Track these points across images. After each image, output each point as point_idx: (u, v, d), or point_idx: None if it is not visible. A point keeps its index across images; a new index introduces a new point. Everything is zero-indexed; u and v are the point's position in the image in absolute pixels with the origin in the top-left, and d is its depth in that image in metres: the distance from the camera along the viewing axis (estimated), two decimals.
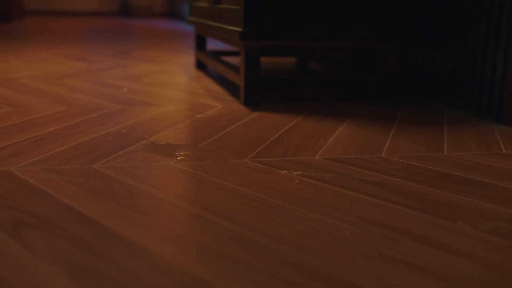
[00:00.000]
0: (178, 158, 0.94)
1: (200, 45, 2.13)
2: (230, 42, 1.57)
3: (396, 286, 0.54)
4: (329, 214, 0.72)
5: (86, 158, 0.92)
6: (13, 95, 1.46)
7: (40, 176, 0.83)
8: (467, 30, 1.38)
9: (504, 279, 0.56)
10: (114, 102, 1.40)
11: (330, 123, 1.24)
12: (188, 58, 2.46)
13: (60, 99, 1.42)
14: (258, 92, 1.41)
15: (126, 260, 0.57)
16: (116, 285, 0.52)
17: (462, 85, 1.41)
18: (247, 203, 0.74)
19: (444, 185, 0.85)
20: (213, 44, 3.27)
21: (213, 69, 2.10)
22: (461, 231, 0.67)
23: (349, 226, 0.68)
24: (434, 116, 1.35)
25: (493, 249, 0.62)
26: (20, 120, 1.19)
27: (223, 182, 0.83)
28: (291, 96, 1.58)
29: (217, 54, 2.08)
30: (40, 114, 1.25)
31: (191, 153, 0.97)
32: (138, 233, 0.64)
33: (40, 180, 0.81)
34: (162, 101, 1.43)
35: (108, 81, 1.74)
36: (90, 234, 0.63)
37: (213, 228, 0.66)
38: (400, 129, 1.20)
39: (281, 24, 1.36)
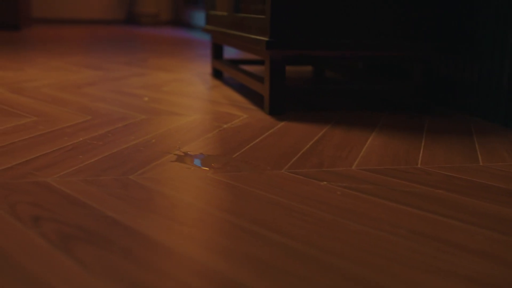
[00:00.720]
0: (215, 169, 0.93)
1: (217, 53, 2.12)
2: (253, 51, 1.56)
3: None
4: (378, 227, 0.70)
5: (121, 169, 0.91)
6: (35, 105, 1.45)
7: (79, 187, 0.82)
8: (494, 39, 1.37)
9: None
10: (138, 112, 1.39)
11: (359, 133, 1.23)
12: (203, 67, 2.46)
13: (83, 109, 1.41)
14: (283, 101, 1.40)
15: (180, 274, 0.56)
16: None
17: (488, 94, 1.40)
18: (294, 216, 0.73)
19: (488, 196, 0.84)
20: (227, 53, 3.26)
21: (230, 78, 2.09)
22: None
23: (402, 240, 0.66)
24: (461, 125, 1.34)
25: None
26: (48, 130, 1.18)
27: (265, 193, 0.82)
28: (314, 105, 1.57)
29: (235, 63, 2.07)
30: (67, 124, 1.23)
31: (226, 164, 0.96)
32: (188, 246, 0.62)
33: (80, 192, 0.80)
34: (185, 111, 1.42)
35: (128, 90, 1.73)
36: (141, 248, 0.62)
37: (263, 241, 0.65)
38: (430, 139, 1.19)
39: (308, 33, 1.35)
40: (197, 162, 0.96)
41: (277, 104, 1.39)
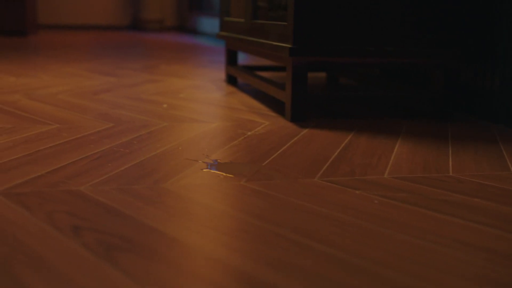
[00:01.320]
0: (247, 177, 0.92)
1: (231, 60, 2.12)
2: (272, 57, 1.55)
3: None
4: (423, 236, 0.69)
5: (153, 178, 0.90)
6: (55, 111, 1.44)
7: (113, 196, 0.81)
8: None
9: None
10: (160, 119, 1.39)
11: (384, 140, 1.22)
12: (215, 73, 2.45)
13: (104, 116, 1.41)
14: (304, 108, 1.39)
15: (229, 285, 0.55)
16: None
17: (509, 101, 1.39)
18: (334, 225, 0.72)
19: None
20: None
21: (244, 84, 2.08)
22: None
23: (449, 250, 0.65)
24: (485, 133, 1.33)
25: None
26: (72, 137, 1.17)
27: (301, 202, 0.81)
28: (333, 112, 1.56)
29: (250, 69, 2.06)
30: (90, 131, 1.23)
31: (257, 172, 0.95)
32: (235, 258, 0.62)
33: (116, 201, 0.79)
34: (206, 117, 1.41)
35: (145, 97, 1.73)
36: (185, 257, 0.61)
37: (309, 251, 0.64)
38: (457, 147, 1.18)
39: (330, 40, 1.35)
40: (228, 170, 0.96)
41: (298, 111, 1.39)
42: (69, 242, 0.64)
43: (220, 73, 2.46)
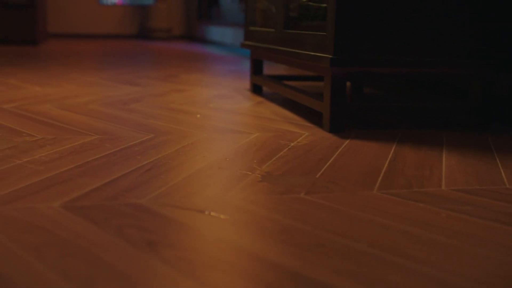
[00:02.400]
0: (305, 190, 0.91)
1: (257, 69, 2.11)
2: (308, 67, 1.54)
3: None
4: (502, 251, 0.68)
5: (212, 191, 0.89)
6: (91, 122, 1.44)
7: (179, 212, 0.80)
8: None
9: None
10: (198, 129, 1.38)
11: (429, 151, 1.21)
12: (238, 82, 2.44)
13: (141, 126, 1.40)
14: (343, 119, 1.38)
15: None
16: None
17: None
18: (410, 239, 0.71)
19: None
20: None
21: (270, 93, 2.08)
22: None
23: None
24: None
25: None
26: (116, 148, 1.16)
27: (367, 215, 0.80)
28: (369, 122, 1.55)
29: (278, 79, 2.05)
30: (132, 142, 1.22)
31: (314, 185, 0.94)
32: (318, 272, 0.60)
33: (184, 216, 0.78)
34: (244, 128, 1.40)
35: (175, 107, 1.72)
36: (270, 272, 0.60)
37: (394, 266, 0.63)
38: (504, 158, 1.17)
39: (371, 51, 1.34)
40: (284, 182, 0.95)
41: (337, 122, 1.38)
42: (148, 258, 0.63)
43: (241, 82, 2.45)
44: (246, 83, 2.42)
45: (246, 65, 3.47)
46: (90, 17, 7.75)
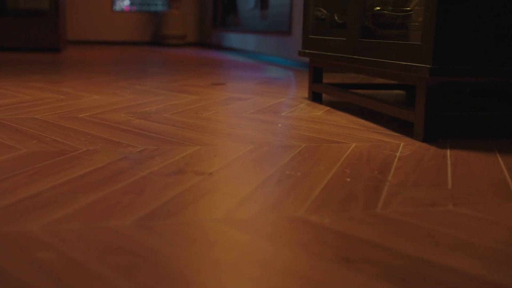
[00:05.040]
0: (452, 202, 0.90)
1: (317, 77, 2.11)
2: (394, 76, 1.54)
3: None
4: None
5: (361, 203, 0.89)
6: (179, 131, 1.43)
7: (353, 222, 0.79)
8: None
9: None
10: (294, 139, 1.37)
11: None
12: (287, 90, 2.44)
13: (234, 136, 1.39)
14: (437, 129, 1.38)
15: None
16: None
17: None
18: None
19: None
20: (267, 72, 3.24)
21: (330, 101, 2.07)
22: None
23: None
24: None
25: None
26: (228, 159, 1.15)
27: None
28: (452, 131, 1.55)
29: (342, 87, 2.05)
30: (239, 153, 1.21)
31: (453, 197, 0.93)
32: None
33: (357, 229, 0.77)
34: (336, 137, 1.40)
35: (248, 116, 1.71)
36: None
37: None
38: None
39: (468, 60, 1.34)
40: (422, 194, 0.94)
41: (431, 132, 1.37)
42: (355, 275, 0.62)
43: (291, 90, 2.44)
44: (296, 91, 2.42)
45: (276, 72, 3.47)
46: (104, 23, 7.75)
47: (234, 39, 6.01)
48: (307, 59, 3.88)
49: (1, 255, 0.65)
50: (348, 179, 1.02)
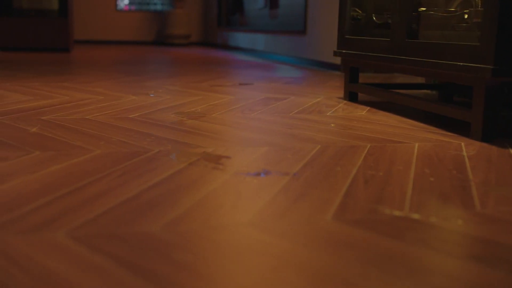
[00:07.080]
0: None
1: (353, 77, 2.12)
2: (448, 76, 1.55)
3: None
4: None
5: (456, 204, 0.90)
6: (238, 132, 1.44)
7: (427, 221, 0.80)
8: None
9: None
10: (356, 139, 1.38)
11: None
12: (317, 89, 2.45)
13: (294, 136, 1.40)
14: (495, 128, 1.39)
15: None
16: None
17: None
18: None
19: None
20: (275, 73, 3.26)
21: (367, 101, 2.09)
22: None
23: None
24: None
25: None
26: (304, 159, 1.16)
27: None
28: (503, 131, 1.57)
29: (383, 87, 2.06)
30: (311, 152, 1.22)
31: None
32: None
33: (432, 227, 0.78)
34: (393, 137, 1.41)
35: (295, 115, 1.72)
36: None
37: None
38: None
39: None
40: (489, 195, 0.96)
41: (489, 131, 1.39)
42: (492, 272, 0.64)
43: (323, 90, 2.46)
44: (326, 90, 2.43)
45: (294, 72, 3.48)
46: (108, 23, 7.74)
47: (241, 38, 6.02)
48: (318, 58, 3.90)
49: (145, 256, 0.66)
50: (432, 179, 1.04)
